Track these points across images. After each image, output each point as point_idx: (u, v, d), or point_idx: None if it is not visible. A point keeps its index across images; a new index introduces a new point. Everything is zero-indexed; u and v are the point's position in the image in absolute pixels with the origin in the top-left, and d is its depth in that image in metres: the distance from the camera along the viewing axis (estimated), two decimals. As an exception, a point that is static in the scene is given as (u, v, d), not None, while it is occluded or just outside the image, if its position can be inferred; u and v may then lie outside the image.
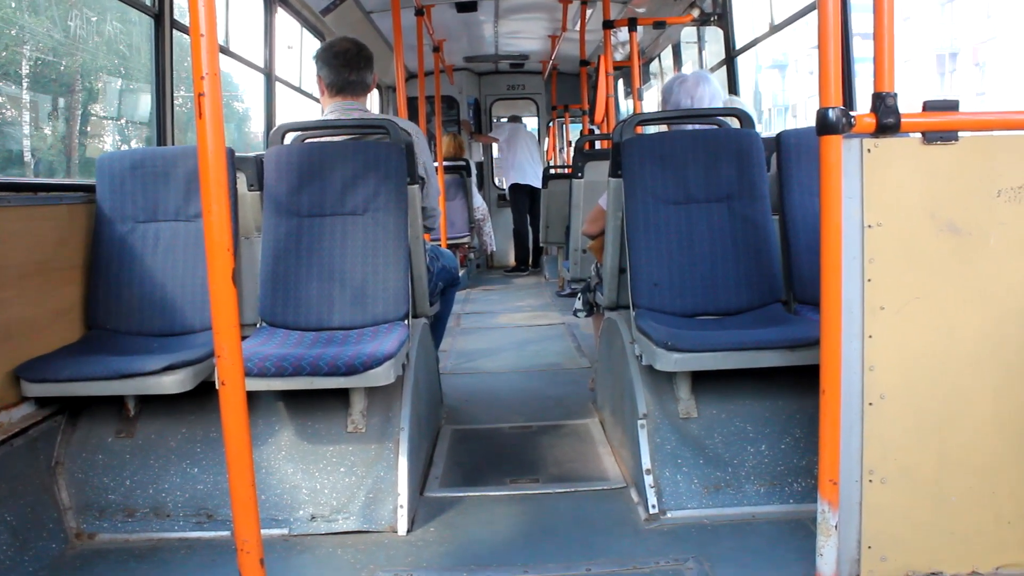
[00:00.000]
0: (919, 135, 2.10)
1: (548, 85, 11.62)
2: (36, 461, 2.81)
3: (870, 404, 2.14)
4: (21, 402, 2.78)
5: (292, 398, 3.03)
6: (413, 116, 7.69)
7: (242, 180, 3.39)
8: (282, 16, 5.95)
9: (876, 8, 2.05)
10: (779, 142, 3.37)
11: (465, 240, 9.14)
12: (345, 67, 3.43)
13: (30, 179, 3.16)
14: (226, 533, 2.75)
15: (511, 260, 11.01)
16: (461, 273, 4.65)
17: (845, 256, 2.06)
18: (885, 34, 2.06)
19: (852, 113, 2.02)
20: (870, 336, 2.12)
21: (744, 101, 4.38)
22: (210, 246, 1.87)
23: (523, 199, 10.50)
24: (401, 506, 2.80)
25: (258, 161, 3.36)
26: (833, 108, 1.99)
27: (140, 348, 3.06)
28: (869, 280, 2.11)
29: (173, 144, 3.99)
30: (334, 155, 3.27)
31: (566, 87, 11.19)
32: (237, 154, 3.33)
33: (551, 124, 12.50)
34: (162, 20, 3.87)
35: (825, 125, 2.00)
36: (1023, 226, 2.13)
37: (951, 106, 2.10)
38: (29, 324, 2.86)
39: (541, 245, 9.34)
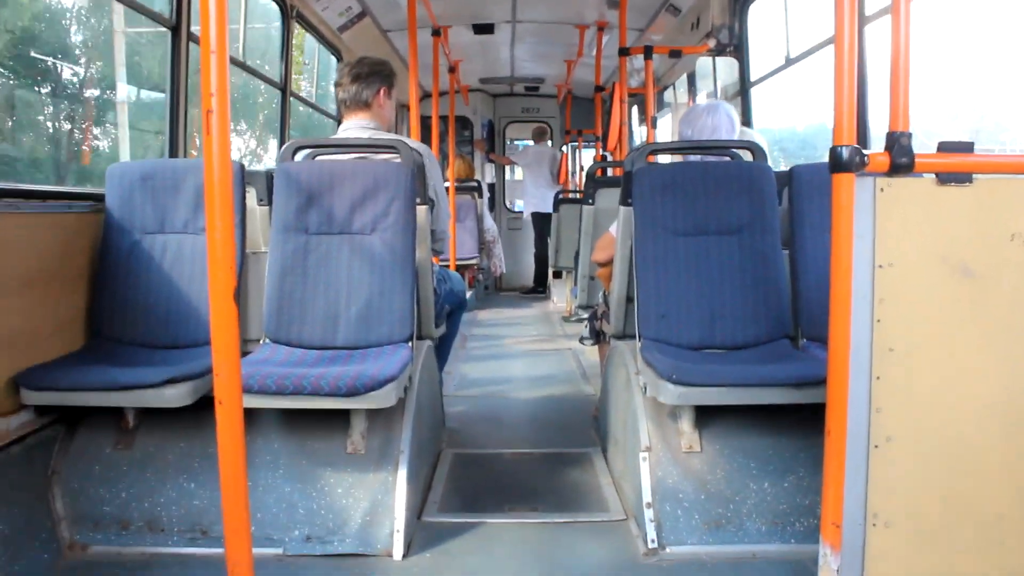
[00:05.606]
0: (933, 176, 2.08)
1: (563, 109, 11.65)
2: (32, 470, 2.79)
3: (876, 446, 2.10)
4: (19, 410, 2.76)
5: (292, 416, 3.01)
6: (427, 136, 7.70)
7: (252, 194, 3.39)
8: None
9: (892, 47, 2.04)
10: (791, 177, 3.35)
11: (474, 261, 9.13)
12: (352, 83, 3.51)
13: (39, 187, 3.16)
14: (220, 550, 2.69)
15: (522, 282, 11.02)
16: (469, 295, 4.64)
17: (855, 296, 2.04)
18: (901, 73, 2.05)
19: (866, 152, 2.00)
20: (878, 377, 2.09)
21: (756, 133, 4.36)
22: (212, 264, 1.86)
23: (546, 224, 10.48)
24: (398, 530, 2.77)
25: (268, 175, 3.36)
26: (847, 146, 1.97)
27: (142, 360, 3.04)
28: (879, 321, 2.08)
29: (185, 156, 4.00)
30: (343, 173, 3.26)
31: (580, 112, 11.21)
32: (248, 168, 3.33)
33: (564, 149, 12.53)
34: (179, 32, 3.89)
35: (838, 163, 1.98)
36: None
37: (966, 147, 2.07)
38: (31, 332, 2.84)
39: (552, 269, 9.32)
